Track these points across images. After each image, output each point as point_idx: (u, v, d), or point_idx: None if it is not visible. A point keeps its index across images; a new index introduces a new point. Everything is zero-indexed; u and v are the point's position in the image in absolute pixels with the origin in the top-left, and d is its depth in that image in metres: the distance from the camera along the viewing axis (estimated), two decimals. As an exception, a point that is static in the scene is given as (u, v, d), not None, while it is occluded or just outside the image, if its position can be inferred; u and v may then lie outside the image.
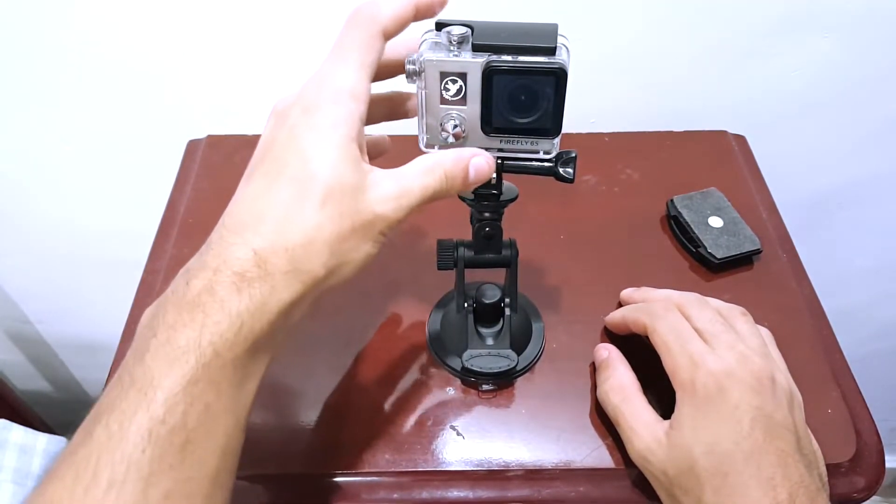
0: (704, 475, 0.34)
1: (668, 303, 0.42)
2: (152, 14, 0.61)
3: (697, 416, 0.36)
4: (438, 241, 0.45)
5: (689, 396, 0.36)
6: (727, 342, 0.38)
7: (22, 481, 0.73)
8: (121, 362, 0.48)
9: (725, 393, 0.35)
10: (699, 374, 0.36)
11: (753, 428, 0.35)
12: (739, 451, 0.34)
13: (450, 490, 0.42)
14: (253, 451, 0.43)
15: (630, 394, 0.40)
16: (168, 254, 0.55)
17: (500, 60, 0.34)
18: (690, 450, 0.35)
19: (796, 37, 0.64)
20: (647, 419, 0.38)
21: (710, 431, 0.35)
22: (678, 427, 0.36)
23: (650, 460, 0.37)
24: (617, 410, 0.40)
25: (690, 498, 0.35)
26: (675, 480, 0.36)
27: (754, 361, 0.37)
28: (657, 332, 0.40)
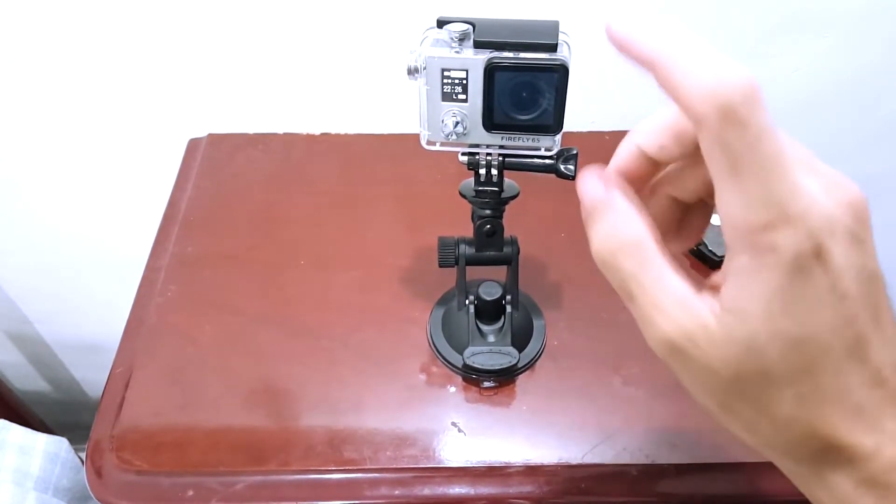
0: (785, 379, 0.23)
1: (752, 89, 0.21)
2: (153, 13, 0.61)
3: (779, 297, 0.22)
4: (439, 239, 0.45)
5: (768, 267, 0.22)
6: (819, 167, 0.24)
7: (21, 482, 0.73)
8: (121, 362, 0.48)
9: (827, 259, 0.22)
10: (792, 232, 0.22)
11: (860, 303, 0.23)
12: (841, 342, 0.23)
13: (451, 486, 0.42)
14: (254, 449, 0.43)
15: (650, 253, 0.25)
16: (169, 252, 0.55)
17: (502, 57, 0.34)
18: (763, 347, 0.23)
19: (796, 37, 0.64)
20: (680, 291, 0.24)
21: (801, 320, 0.23)
22: (741, 312, 0.23)
23: (690, 353, 0.24)
24: (633, 279, 0.25)
25: (755, 405, 0.24)
26: (729, 384, 0.24)
27: (851, 190, 0.23)
28: (729, 149, 0.21)
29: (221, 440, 0.44)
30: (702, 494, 0.42)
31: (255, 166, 0.63)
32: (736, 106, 0.21)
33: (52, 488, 0.75)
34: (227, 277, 0.53)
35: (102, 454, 0.44)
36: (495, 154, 0.39)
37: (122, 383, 0.47)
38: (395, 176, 0.62)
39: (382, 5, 0.61)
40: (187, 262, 0.55)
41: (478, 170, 0.40)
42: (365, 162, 0.63)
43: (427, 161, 0.60)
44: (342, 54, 0.65)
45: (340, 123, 0.67)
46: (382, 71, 0.66)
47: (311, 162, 0.63)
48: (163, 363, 0.48)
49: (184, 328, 0.50)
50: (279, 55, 0.65)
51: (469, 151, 0.39)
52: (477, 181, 0.41)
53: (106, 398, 0.47)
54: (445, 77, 0.35)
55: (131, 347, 0.49)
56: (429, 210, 0.58)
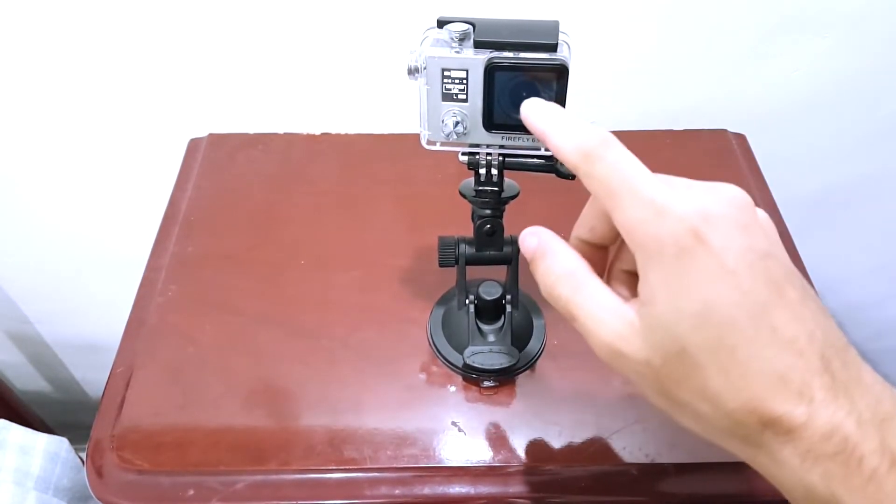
0: (702, 356, 0.25)
1: (605, 137, 0.28)
2: (153, 13, 0.61)
3: (673, 279, 0.26)
4: (440, 238, 0.45)
5: (657, 256, 0.26)
6: (684, 181, 0.28)
7: (21, 481, 0.73)
8: (121, 362, 0.48)
9: (706, 239, 0.25)
10: (666, 222, 0.26)
11: (754, 277, 0.25)
12: (744, 313, 0.25)
13: (451, 486, 0.42)
14: (254, 449, 0.43)
15: (582, 279, 0.30)
16: (169, 252, 0.55)
17: (502, 57, 0.34)
18: (675, 326, 0.26)
19: (796, 37, 0.64)
20: (609, 303, 0.29)
21: (697, 296, 0.25)
22: (650, 301, 0.26)
23: (625, 351, 0.27)
24: (570, 302, 0.29)
25: (689, 389, 0.26)
26: (663, 371, 0.27)
27: (726, 189, 0.27)
28: (598, 179, 0.28)
29: (222, 440, 0.44)
30: (702, 494, 0.43)
31: (256, 166, 0.63)
32: (593, 148, 0.28)
33: (52, 488, 0.75)
34: (228, 277, 0.53)
35: (103, 454, 0.44)
36: (495, 154, 0.39)
37: (123, 383, 0.47)
38: (395, 176, 0.62)
39: (382, 5, 0.61)
40: (188, 261, 0.55)
41: (478, 170, 0.40)
42: (365, 162, 0.63)
43: (427, 161, 0.60)
44: (342, 54, 0.65)
45: (340, 123, 0.67)
46: (382, 71, 0.66)
47: (311, 162, 0.63)
48: (163, 363, 0.48)
49: (184, 328, 0.50)
50: (279, 55, 0.65)
51: (469, 151, 0.39)
52: (477, 181, 0.41)
53: (106, 398, 0.47)
54: (445, 77, 0.35)
55: (132, 347, 0.49)
56: (429, 210, 0.58)
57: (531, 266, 0.32)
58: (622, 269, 0.32)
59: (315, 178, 0.62)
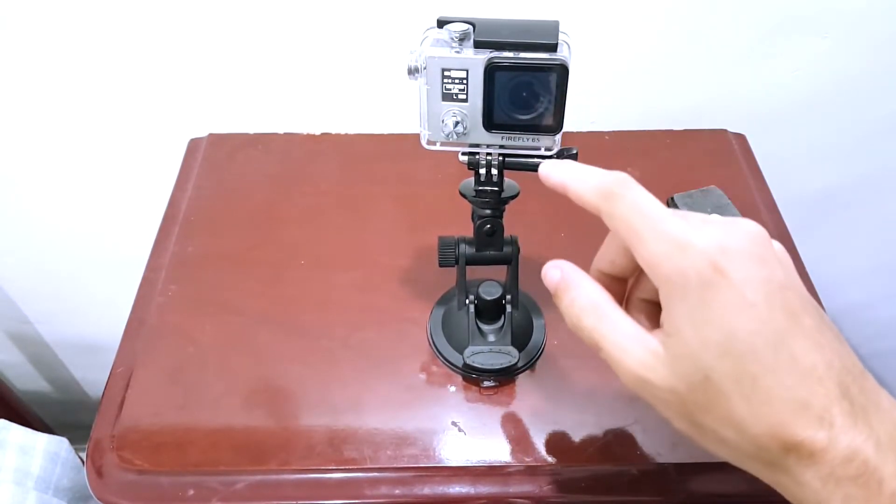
0: (726, 384, 0.26)
1: (623, 177, 0.31)
2: (153, 13, 0.61)
3: (697, 310, 0.27)
4: (440, 238, 0.45)
5: (680, 289, 0.28)
6: (699, 216, 0.30)
7: (21, 481, 0.73)
8: (121, 362, 0.48)
9: (726, 272, 0.27)
10: (688, 257, 0.27)
11: (772, 308, 0.26)
12: (763, 342, 0.26)
13: (451, 486, 0.42)
14: (254, 449, 0.43)
15: (606, 310, 0.31)
16: (169, 252, 0.55)
17: (502, 57, 0.34)
18: (699, 356, 0.27)
19: (796, 37, 0.64)
20: (634, 333, 0.30)
21: (719, 326, 0.26)
22: (675, 331, 0.28)
23: (651, 379, 0.29)
24: (595, 332, 0.31)
25: (714, 415, 0.27)
26: (688, 398, 0.28)
27: (743, 224, 0.29)
28: (619, 217, 0.30)
29: (222, 440, 0.44)
30: (702, 494, 0.43)
31: (256, 166, 0.63)
32: (612, 187, 0.30)
33: (52, 488, 0.75)
34: (228, 277, 0.53)
35: (103, 454, 0.44)
36: (495, 154, 0.39)
37: (123, 383, 0.47)
38: (395, 176, 0.62)
39: (382, 5, 0.61)
40: (188, 261, 0.55)
41: (478, 169, 0.40)
42: (365, 162, 0.63)
43: (427, 161, 0.60)
44: (342, 54, 0.65)
45: (340, 123, 0.67)
46: (382, 71, 0.66)
47: (311, 162, 0.63)
48: (163, 363, 0.48)
49: (184, 328, 0.50)
50: (279, 55, 0.65)
51: (469, 151, 0.39)
52: (477, 181, 0.41)
53: (106, 398, 0.47)
54: (445, 77, 0.35)
55: (132, 347, 0.49)
56: (429, 210, 0.58)
57: (555, 298, 0.34)
58: (641, 297, 0.34)
59: (315, 178, 0.62)
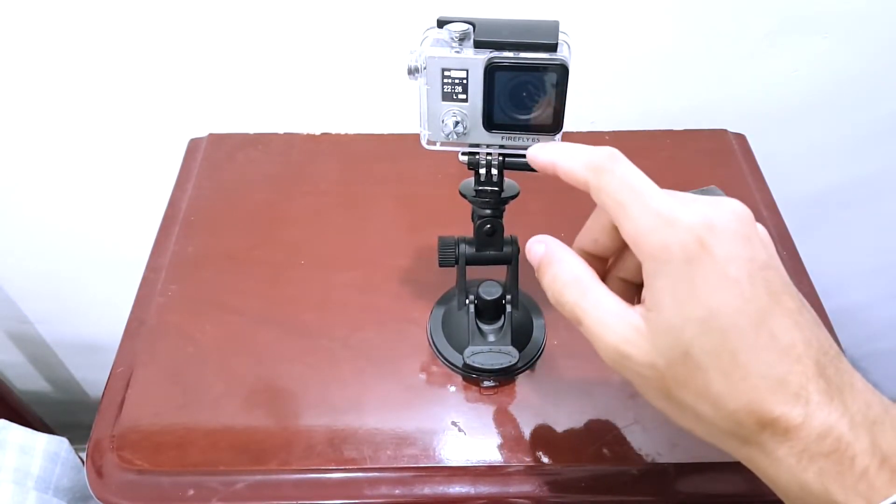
0: (706, 359, 0.27)
1: (612, 152, 0.31)
2: (153, 13, 0.61)
3: (680, 286, 0.27)
4: (439, 238, 0.45)
5: (664, 264, 0.28)
6: (687, 195, 0.30)
7: (21, 481, 0.73)
8: (121, 362, 0.48)
9: (711, 249, 0.27)
10: (674, 232, 0.27)
11: (754, 286, 0.27)
12: (745, 319, 0.26)
13: (451, 486, 0.42)
14: (254, 449, 0.43)
15: (588, 284, 0.31)
16: (169, 252, 0.55)
17: (502, 57, 0.34)
18: (680, 331, 0.27)
19: (796, 37, 0.64)
20: (615, 308, 0.30)
21: (702, 302, 0.27)
22: (657, 306, 0.28)
23: (630, 354, 0.29)
24: (576, 307, 0.31)
25: (691, 391, 0.28)
26: (667, 373, 0.28)
27: (729, 203, 0.29)
28: (606, 191, 0.30)
29: (222, 440, 0.44)
30: (702, 494, 0.43)
31: (256, 166, 0.63)
32: (601, 162, 0.30)
33: (52, 488, 0.75)
34: (228, 277, 0.53)
35: (103, 454, 0.44)
36: (495, 154, 0.39)
37: (123, 383, 0.47)
38: (395, 176, 0.62)
39: (382, 5, 0.61)
40: (188, 261, 0.55)
41: (478, 169, 0.40)
42: (365, 162, 0.63)
43: (427, 161, 0.60)
44: (342, 54, 0.65)
45: (340, 123, 0.67)
46: (382, 71, 0.66)
47: (311, 162, 0.63)
48: (163, 363, 0.48)
49: (184, 328, 0.50)
50: (279, 55, 0.65)
51: (469, 151, 0.39)
52: (477, 181, 0.41)
53: (106, 398, 0.47)
54: (445, 77, 0.35)
55: (132, 347, 0.49)
56: (429, 210, 0.58)
57: (538, 273, 0.34)
58: (619, 277, 0.34)
59: (315, 178, 0.62)
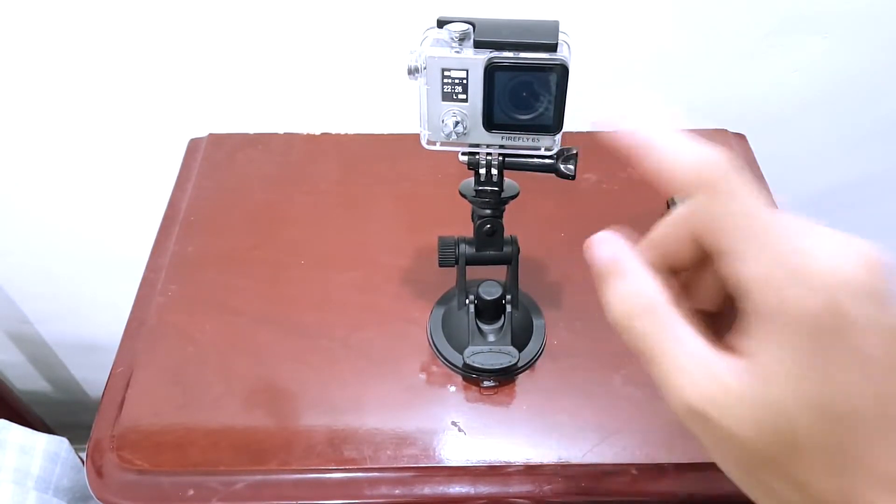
0: (816, 450, 0.22)
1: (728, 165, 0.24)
2: (153, 13, 0.61)
3: (802, 360, 0.21)
4: (439, 238, 0.45)
5: (784, 327, 0.22)
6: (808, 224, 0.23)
7: (21, 481, 0.73)
8: (121, 362, 0.48)
9: (847, 317, 0.21)
10: (805, 291, 0.21)
11: (888, 366, 0.21)
12: (873, 412, 0.21)
13: (451, 486, 0.42)
14: (255, 448, 0.43)
15: (663, 314, 0.25)
16: (169, 252, 0.55)
17: (502, 57, 0.34)
18: (792, 414, 0.22)
19: (796, 37, 0.64)
20: (700, 352, 0.24)
21: (828, 381, 0.21)
22: (764, 373, 0.22)
23: (712, 418, 0.23)
24: (647, 339, 0.25)
25: (784, 475, 0.23)
26: (756, 449, 0.23)
27: (861, 245, 0.22)
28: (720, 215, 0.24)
29: (222, 440, 0.44)
30: (702, 494, 0.43)
31: (256, 166, 0.63)
32: (716, 179, 0.24)
33: (52, 488, 0.75)
34: (228, 277, 0.53)
35: (103, 454, 0.44)
36: (495, 154, 0.39)
37: (123, 383, 0.47)
38: (395, 176, 0.62)
39: (382, 5, 0.61)
40: (188, 261, 0.55)
41: (478, 169, 0.40)
42: (365, 162, 0.63)
43: (427, 161, 0.60)
44: (342, 54, 0.65)
45: (340, 123, 0.67)
46: (382, 71, 0.66)
47: (311, 162, 0.63)
48: (163, 363, 0.48)
49: (184, 328, 0.50)
50: (279, 55, 0.65)
51: (469, 151, 0.39)
52: (477, 181, 0.41)
53: (106, 398, 0.47)
54: (445, 77, 0.35)
55: (132, 347, 0.49)
56: (429, 210, 0.58)
57: (599, 280, 0.27)
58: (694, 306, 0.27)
59: (315, 178, 0.62)
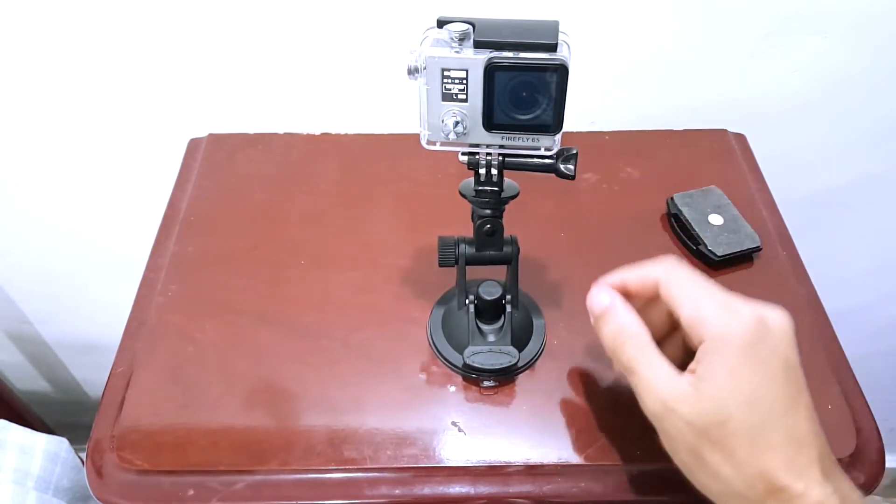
0: (741, 429, 0.33)
1: (675, 258, 0.39)
2: (153, 13, 0.61)
3: (734, 366, 0.33)
4: (439, 238, 0.45)
5: (725, 344, 0.34)
6: (741, 297, 0.36)
7: (21, 481, 0.73)
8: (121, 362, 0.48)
9: (763, 342, 0.33)
10: (736, 320, 0.34)
11: (787, 380, 0.33)
12: (778, 406, 0.33)
13: (451, 486, 0.42)
14: (254, 449, 0.43)
15: (646, 343, 0.37)
16: (169, 252, 0.55)
17: (502, 57, 0.34)
18: (726, 402, 0.33)
19: (796, 37, 0.64)
20: (668, 369, 0.36)
21: (749, 383, 0.33)
22: (710, 377, 0.34)
23: (676, 410, 0.34)
24: (634, 361, 0.37)
25: (719, 452, 0.33)
26: (703, 433, 0.33)
27: (777, 309, 0.35)
28: (675, 283, 0.37)
29: (222, 440, 0.44)
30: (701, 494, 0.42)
31: (256, 166, 0.63)
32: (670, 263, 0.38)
33: (52, 488, 0.75)
34: (228, 277, 0.53)
35: (103, 454, 0.44)
36: (495, 154, 0.39)
37: (123, 383, 0.47)
38: (395, 176, 0.62)
39: (382, 5, 0.61)
40: (188, 262, 0.55)
41: (478, 170, 0.40)
42: (365, 162, 0.63)
43: (427, 161, 0.60)
44: (342, 54, 0.65)
45: (340, 123, 0.67)
46: (382, 71, 0.66)
47: (311, 162, 0.63)
48: (163, 363, 0.48)
49: (184, 328, 0.50)
50: (279, 55, 0.65)
51: (469, 151, 0.39)
52: (477, 181, 0.41)
53: (106, 398, 0.47)
54: (445, 77, 0.35)
55: (132, 347, 0.49)
56: (429, 210, 0.58)
57: (596, 320, 0.40)
58: None
59: (315, 178, 0.62)
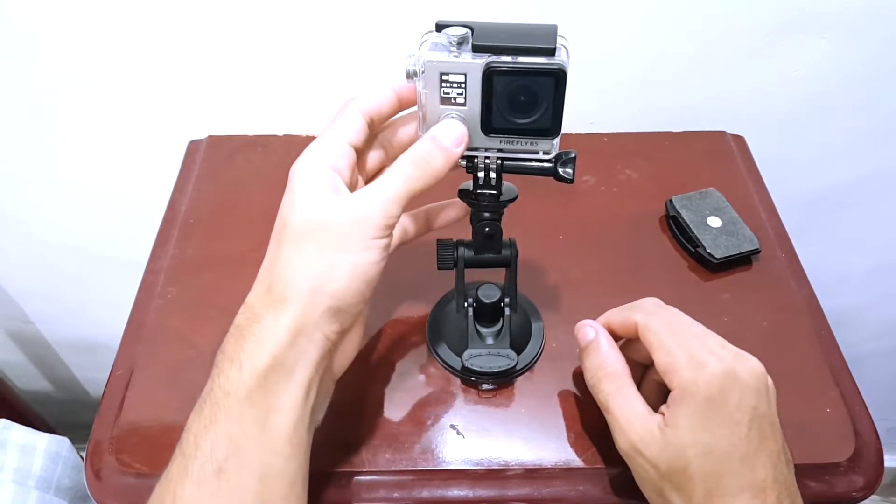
0: (698, 476, 0.35)
1: (657, 301, 0.41)
2: (153, 14, 0.61)
3: (697, 417, 0.35)
4: (438, 241, 0.45)
5: (690, 396, 0.35)
6: (718, 341, 0.38)
7: (23, 481, 0.73)
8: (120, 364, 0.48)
9: (727, 395, 0.35)
10: (702, 374, 0.35)
11: (751, 430, 0.35)
12: (736, 454, 0.34)
13: (450, 489, 0.42)
14: (254, 450, 0.43)
15: (623, 382, 0.39)
16: (169, 254, 0.55)
17: (500, 61, 0.34)
18: (686, 450, 0.35)
19: (796, 37, 0.64)
20: (641, 411, 0.37)
21: (709, 433, 0.35)
22: (674, 425, 0.35)
23: (643, 453, 0.36)
24: (610, 398, 0.39)
25: (680, 496, 0.35)
26: (665, 476, 0.36)
27: (749, 360, 0.37)
28: (651, 330, 0.38)
29: (221, 442, 0.44)
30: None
31: (255, 168, 0.63)
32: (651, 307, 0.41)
33: (53, 488, 0.76)
34: (227, 280, 0.53)
35: (102, 456, 0.44)
36: (494, 157, 0.39)
37: (122, 386, 0.47)
38: (395, 177, 0.61)
39: (381, 8, 0.61)
40: (187, 264, 0.55)
41: (476, 173, 0.40)
42: (364, 163, 0.63)
43: (426, 163, 0.60)
44: (341, 57, 0.65)
45: (340, 125, 0.67)
46: (381, 74, 0.66)
47: (310, 163, 0.63)
48: (162, 366, 0.48)
49: (183, 331, 0.50)
50: (279, 57, 0.65)
51: (468, 155, 0.39)
52: (475, 184, 0.41)
53: (105, 400, 0.47)
54: (444, 81, 0.35)
55: (131, 350, 0.49)
56: (428, 211, 0.58)
57: (583, 352, 0.42)
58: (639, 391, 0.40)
59: (314, 179, 0.62)
